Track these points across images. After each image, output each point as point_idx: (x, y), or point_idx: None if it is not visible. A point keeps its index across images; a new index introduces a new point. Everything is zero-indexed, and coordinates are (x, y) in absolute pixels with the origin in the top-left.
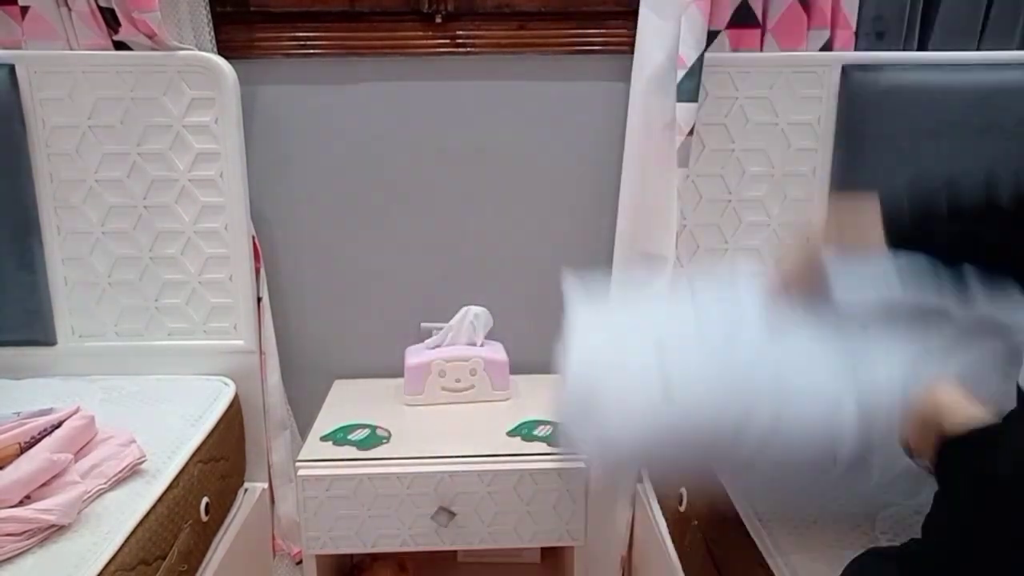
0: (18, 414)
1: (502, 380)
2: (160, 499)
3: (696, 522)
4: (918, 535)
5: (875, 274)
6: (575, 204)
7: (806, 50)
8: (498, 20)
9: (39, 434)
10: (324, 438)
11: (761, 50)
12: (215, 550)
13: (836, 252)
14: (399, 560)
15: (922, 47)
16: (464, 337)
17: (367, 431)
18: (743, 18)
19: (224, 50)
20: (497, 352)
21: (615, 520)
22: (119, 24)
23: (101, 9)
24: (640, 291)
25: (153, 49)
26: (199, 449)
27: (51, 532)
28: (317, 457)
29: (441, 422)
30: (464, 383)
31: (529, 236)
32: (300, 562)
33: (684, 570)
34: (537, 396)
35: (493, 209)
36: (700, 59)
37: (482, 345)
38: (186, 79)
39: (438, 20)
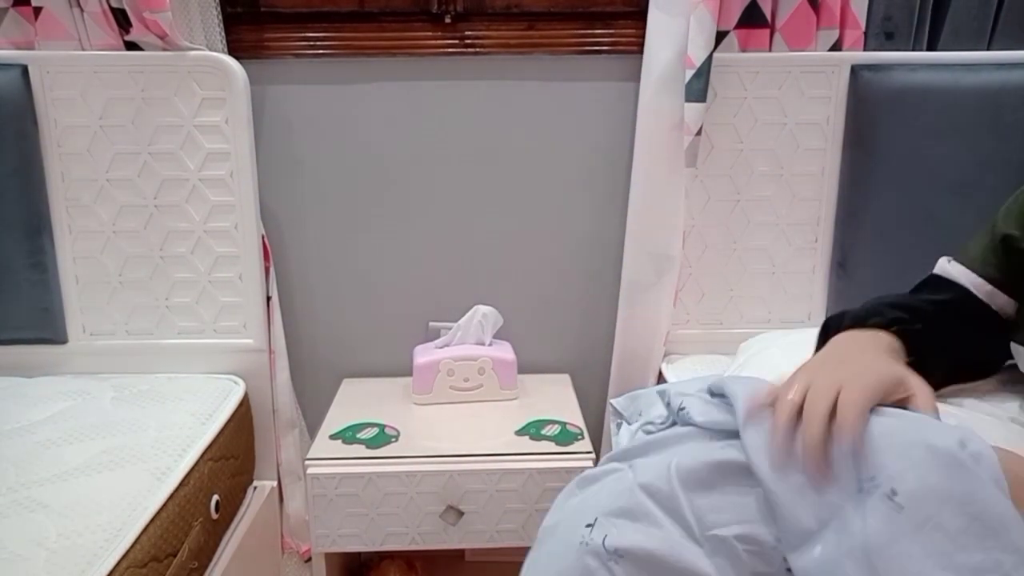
0: None
1: (510, 379)
2: (171, 497)
3: None
4: None
5: None
6: (584, 204)
7: (815, 50)
8: (507, 20)
9: None
10: (333, 437)
11: (770, 50)
12: (225, 548)
13: None
14: (407, 558)
15: (931, 47)
16: (472, 336)
17: (376, 430)
18: (752, 18)
19: (234, 50)
20: (505, 351)
21: None
22: (130, 24)
23: (113, 10)
24: None
25: (164, 49)
26: (209, 447)
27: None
28: (326, 456)
29: (449, 421)
30: (472, 382)
31: (538, 235)
32: (309, 560)
33: None
34: (545, 395)
35: (502, 208)
36: (709, 59)
37: (490, 344)
38: (197, 79)
39: (447, 20)
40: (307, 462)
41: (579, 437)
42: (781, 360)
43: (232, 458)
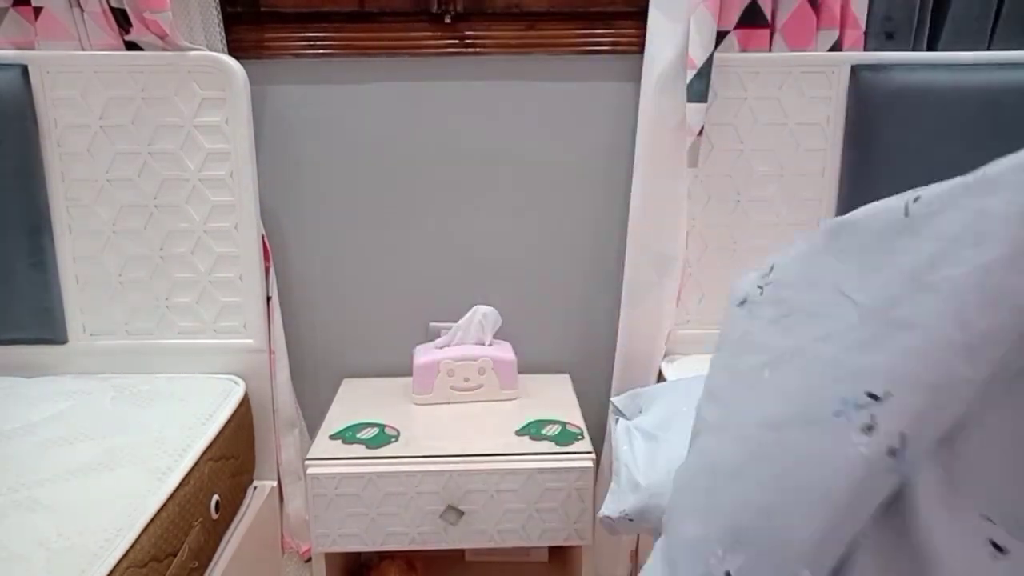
0: None
1: (510, 379)
2: (171, 497)
3: None
4: None
5: None
6: (584, 204)
7: (815, 50)
8: (507, 20)
9: None
10: (333, 437)
11: (770, 50)
12: (225, 548)
13: None
14: (407, 558)
15: (932, 47)
16: (473, 336)
17: (376, 430)
18: (752, 18)
19: (234, 50)
20: (505, 351)
21: None
22: (131, 24)
23: (113, 10)
24: None
25: (164, 49)
26: (209, 447)
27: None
28: (326, 455)
29: (449, 421)
30: (472, 382)
31: (538, 236)
32: (309, 560)
33: None
34: (545, 395)
35: (502, 209)
36: (710, 59)
37: (490, 344)
38: (197, 79)
39: (447, 20)
40: (307, 462)
41: (579, 437)
42: None
43: (232, 458)
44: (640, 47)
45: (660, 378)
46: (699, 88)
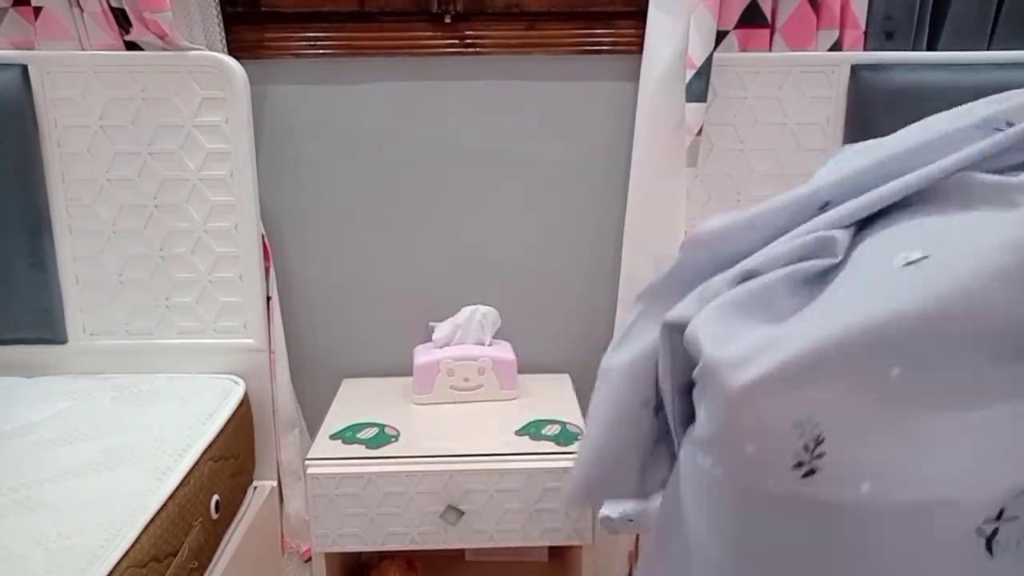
0: None
1: (510, 379)
2: (171, 496)
3: None
4: None
5: None
6: (583, 204)
7: (815, 50)
8: (507, 20)
9: None
10: (333, 436)
11: (770, 50)
12: (225, 548)
13: None
14: (407, 558)
15: (932, 47)
16: (472, 336)
17: (376, 430)
18: (752, 18)
19: (234, 50)
20: (505, 351)
21: None
22: (130, 24)
23: (113, 9)
24: None
25: (164, 49)
26: (209, 447)
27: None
28: (326, 455)
29: (449, 421)
30: (472, 382)
31: (537, 235)
32: (309, 560)
33: None
34: (545, 395)
35: (501, 208)
36: (709, 59)
37: (490, 344)
38: (197, 79)
39: (447, 20)
40: (307, 462)
41: (579, 437)
42: None
43: (232, 458)
44: (639, 47)
45: None
46: (698, 88)
